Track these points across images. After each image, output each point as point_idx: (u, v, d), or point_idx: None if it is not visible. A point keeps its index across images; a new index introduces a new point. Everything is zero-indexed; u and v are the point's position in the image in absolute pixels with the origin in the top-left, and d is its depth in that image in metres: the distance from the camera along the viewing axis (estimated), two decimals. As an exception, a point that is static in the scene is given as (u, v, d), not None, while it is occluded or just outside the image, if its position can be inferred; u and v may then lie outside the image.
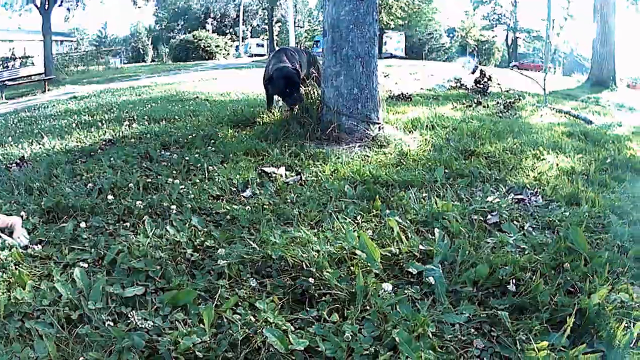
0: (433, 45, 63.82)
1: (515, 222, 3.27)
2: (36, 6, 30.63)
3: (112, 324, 2.15)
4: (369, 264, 2.54)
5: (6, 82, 23.30)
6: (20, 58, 36.12)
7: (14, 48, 36.89)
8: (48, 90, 22.64)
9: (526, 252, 2.80)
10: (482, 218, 3.29)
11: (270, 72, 6.49)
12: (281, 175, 4.21)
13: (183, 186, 3.95)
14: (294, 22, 32.79)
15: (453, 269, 2.60)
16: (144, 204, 3.51)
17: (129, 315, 2.20)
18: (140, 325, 2.08)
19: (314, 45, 45.45)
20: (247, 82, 14.71)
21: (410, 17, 48.88)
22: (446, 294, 2.38)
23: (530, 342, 2.00)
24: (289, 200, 3.59)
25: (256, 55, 53.01)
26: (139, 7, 40.66)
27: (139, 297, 2.37)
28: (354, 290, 2.34)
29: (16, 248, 2.96)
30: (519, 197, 3.78)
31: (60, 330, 2.16)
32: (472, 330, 2.14)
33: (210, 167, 4.43)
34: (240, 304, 2.25)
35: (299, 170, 4.38)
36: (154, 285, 2.46)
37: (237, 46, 56.94)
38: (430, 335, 2.05)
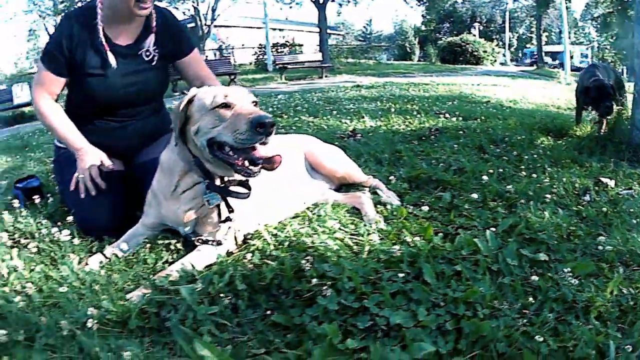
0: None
1: None
2: (312, 0, 33.77)
3: (536, 277, 2.63)
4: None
5: (287, 65, 25.88)
6: (289, 46, 39.86)
7: (286, 36, 40.88)
8: (325, 76, 24.69)
9: None
10: None
11: (587, 83, 6.93)
12: (612, 187, 4.48)
13: (547, 180, 4.48)
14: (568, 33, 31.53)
15: None
16: (513, 189, 4.09)
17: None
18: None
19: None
20: (527, 92, 14.80)
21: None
22: None
23: None
24: (625, 210, 3.84)
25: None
26: (411, 7, 42.14)
27: (546, 262, 2.86)
28: None
29: (397, 206, 3.67)
30: None
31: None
32: None
33: (549, 169, 4.89)
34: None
35: (631, 186, 4.61)
36: (554, 256, 2.97)
37: (503, 53, 55.29)
38: None
